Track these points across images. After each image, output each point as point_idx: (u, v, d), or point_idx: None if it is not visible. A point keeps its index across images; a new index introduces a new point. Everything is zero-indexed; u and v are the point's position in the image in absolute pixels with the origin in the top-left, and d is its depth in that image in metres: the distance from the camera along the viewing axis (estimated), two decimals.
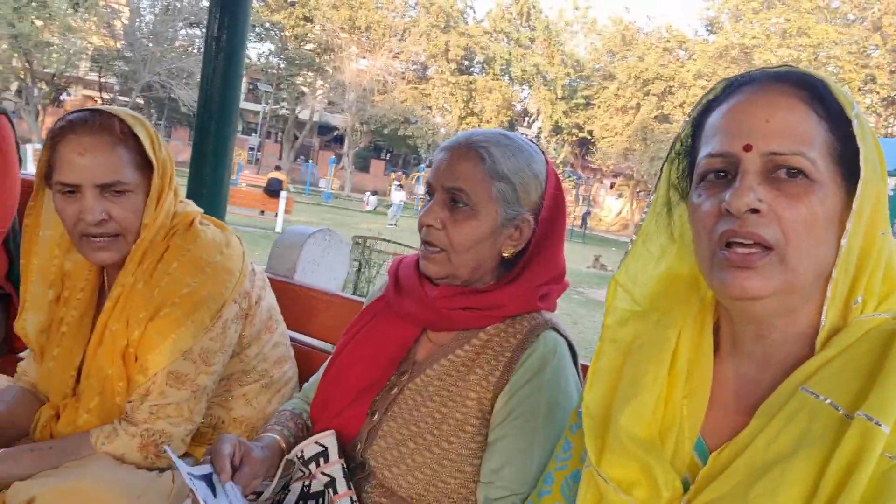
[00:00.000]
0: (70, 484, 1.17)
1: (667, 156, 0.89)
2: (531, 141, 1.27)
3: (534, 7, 37.04)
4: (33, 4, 29.13)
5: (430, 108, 36.27)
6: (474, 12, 39.57)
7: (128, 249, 1.36)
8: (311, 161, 36.56)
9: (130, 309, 1.34)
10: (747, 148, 0.74)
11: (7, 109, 2.05)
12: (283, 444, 1.26)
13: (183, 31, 34.11)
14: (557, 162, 36.51)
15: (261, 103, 37.34)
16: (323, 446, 1.21)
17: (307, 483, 1.19)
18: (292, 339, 1.89)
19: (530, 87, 36.83)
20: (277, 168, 20.08)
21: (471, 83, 35.58)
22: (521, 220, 1.20)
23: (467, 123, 35.85)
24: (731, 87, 0.80)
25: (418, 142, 35.06)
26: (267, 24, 35.81)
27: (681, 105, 29.15)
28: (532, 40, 36.99)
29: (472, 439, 1.14)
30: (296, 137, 38.02)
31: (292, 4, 35.28)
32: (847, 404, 0.68)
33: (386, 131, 36.02)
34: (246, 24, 2.42)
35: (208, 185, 2.41)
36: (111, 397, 1.34)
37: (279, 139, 40.17)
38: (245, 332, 1.47)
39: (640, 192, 33.92)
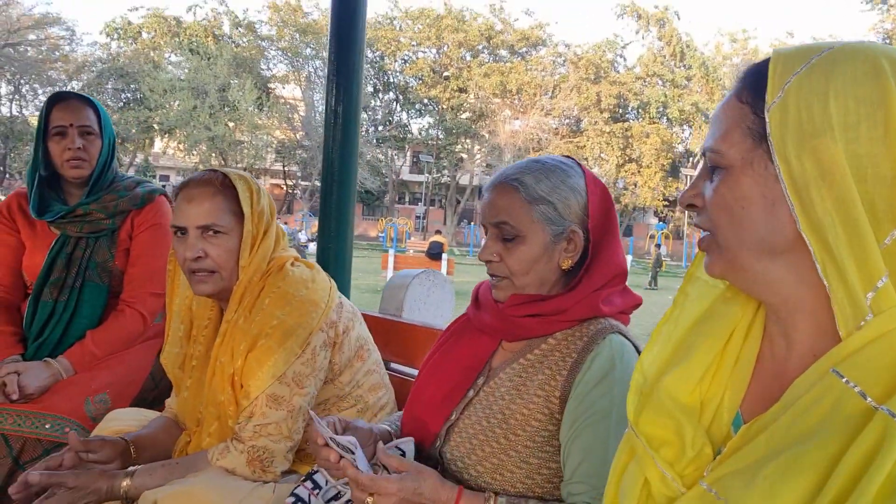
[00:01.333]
0: (185, 488, 1.38)
1: None
2: (567, 157, 1.36)
3: (687, 46, 36.11)
4: (226, 109, 33.31)
5: (586, 159, 36.13)
6: (625, 60, 39.28)
7: (224, 285, 1.58)
8: (473, 223, 37.60)
9: (234, 342, 1.55)
10: (703, 150, 0.83)
11: (166, 191, 2.44)
12: (391, 431, 1.42)
13: None
14: None
15: (423, 174, 39.36)
16: (401, 450, 1.32)
17: None
18: (399, 371, 2.04)
19: (691, 126, 35.58)
20: (438, 232, 20.92)
21: (626, 130, 35.09)
22: (569, 232, 1.29)
23: (626, 170, 35.25)
24: None
25: None
26: (425, 100, 38.08)
27: None
28: (689, 79, 35.96)
29: (537, 433, 1.22)
30: (458, 202, 39.45)
31: (446, 79, 37.26)
32: (877, 396, 0.64)
33: None
34: (359, 95, 2.68)
35: (334, 244, 2.65)
36: (225, 421, 1.56)
37: (443, 205, 41.87)
38: (335, 359, 1.63)
39: None
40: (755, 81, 0.77)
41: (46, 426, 1.94)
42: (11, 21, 31.75)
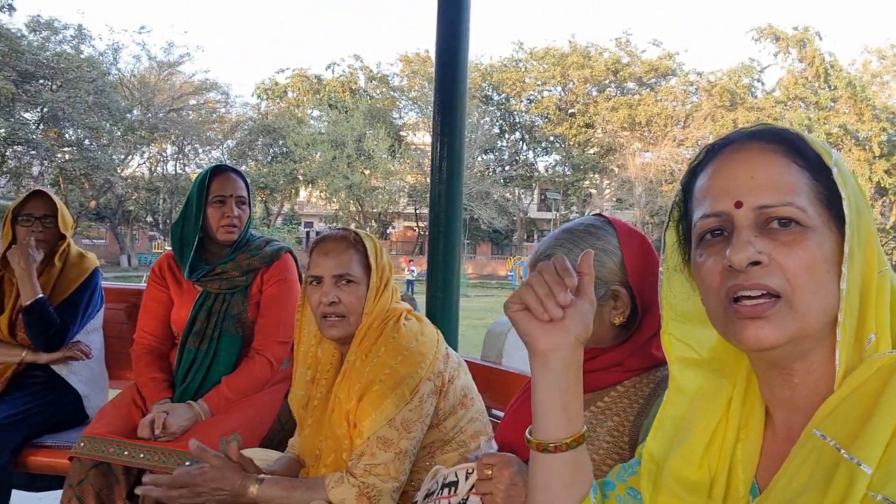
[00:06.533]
0: None
1: (666, 223, 0.93)
2: (597, 216, 1.40)
3: (832, 66, 33.86)
4: (362, 158, 35.12)
5: None
6: (762, 84, 37.43)
7: (351, 330, 1.76)
8: None
9: (351, 381, 1.72)
10: (738, 205, 0.77)
11: (292, 248, 2.71)
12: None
13: (479, 158, 37.87)
14: (888, 228, 31.67)
15: (551, 211, 39.25)
16: (457, 476, 1.40)
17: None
18: (499, 418, 2.12)
19: (839, 149, 33.10)
20: None
21: None
22: (611, 293, 1.32)
23: None
24: (713, 151, 0.84)
25: None
26: (551, 138, 38.17)
27: None
28: (834, 100, 33.60)
29: None
30: None
31: (572, 115, 37.20)
32: (846, 445, 0.68)
33: None
34: (461, 153, 2.82)
35: (441, 294, 2.80)
36: (340, 454, 1.72)
37: None
38: (440, 405, 1.76)
39: None
40: (794, 147, 0.78)
41: (187, 463, 2.19)
42: (175, 88, 35.54)
